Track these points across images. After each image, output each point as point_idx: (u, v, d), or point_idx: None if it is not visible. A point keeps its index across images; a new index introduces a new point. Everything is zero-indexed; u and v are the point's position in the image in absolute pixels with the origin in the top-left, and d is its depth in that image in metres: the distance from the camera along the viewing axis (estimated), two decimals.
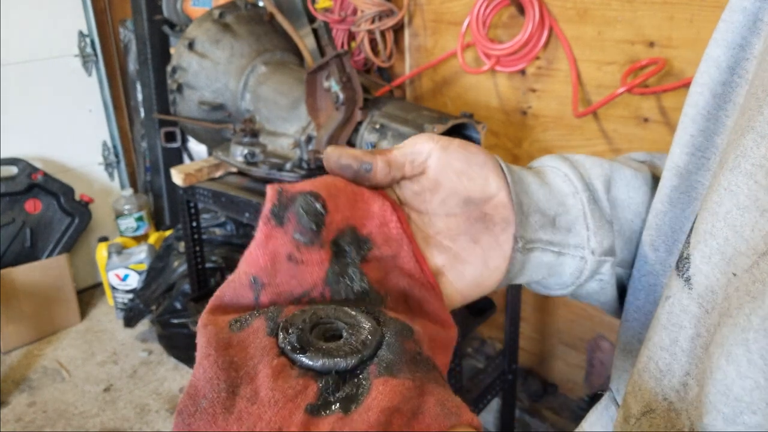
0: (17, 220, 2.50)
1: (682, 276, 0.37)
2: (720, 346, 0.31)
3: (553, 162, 0.47)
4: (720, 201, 0.34)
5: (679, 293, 0.37)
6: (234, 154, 1.56)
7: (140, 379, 2.25)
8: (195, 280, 1.88)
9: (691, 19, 1.27)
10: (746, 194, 0.33)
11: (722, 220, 0.34)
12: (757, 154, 0.33)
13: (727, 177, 0.34)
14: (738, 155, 0.34)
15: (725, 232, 0.34)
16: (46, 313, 2.51)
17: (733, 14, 0.38)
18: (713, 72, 0.39)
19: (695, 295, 0.36)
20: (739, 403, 0.29)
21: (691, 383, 0.34)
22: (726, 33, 0.38)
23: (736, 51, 0.38)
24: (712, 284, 0.34)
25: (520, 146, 1.68)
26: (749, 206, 0.32)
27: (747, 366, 0.29)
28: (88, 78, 2.69)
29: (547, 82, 1.56)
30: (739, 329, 0.29)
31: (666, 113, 1.38)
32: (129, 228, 2.71)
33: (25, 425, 2.05)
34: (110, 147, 2.83)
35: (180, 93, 1.76)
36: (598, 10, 1.40)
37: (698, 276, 0.36)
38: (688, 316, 0.36)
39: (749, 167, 0.33)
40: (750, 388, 0.29)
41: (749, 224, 0.32)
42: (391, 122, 1.41)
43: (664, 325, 0.38)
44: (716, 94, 0.39)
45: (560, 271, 0.45)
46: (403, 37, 1.82)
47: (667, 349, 0.37)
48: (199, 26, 1.74)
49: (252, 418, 0.27)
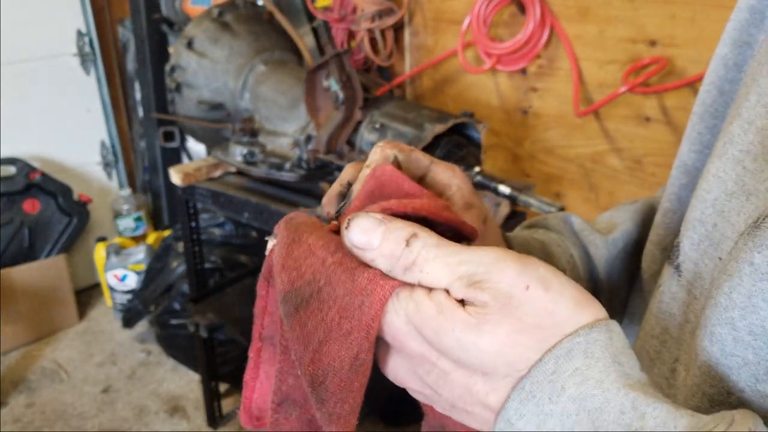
0: (15, 220, 2.49)
1: (672, 264, 0.37)
2: (704, 328, 0.31)
3: (559, 231, 0.49)
4: (709, 188, 0.34)
5: (669, 281, 0.37)
6: (233, 153, 1.55)
7: (139, 380, 2.24)
8: (194, 280, 1.87)
9: (693, 17, 1.26)
10: (734, 180, 0.33)
11: (711, 207, 0.34)
12: (744, 140, 0.33)
13: (715, 164, 0.34)
14: (726, 142, 0.34)
15: (713, 218, 0.34)
16: (45, 314, 2.50)
17: (740, 13, 0.38)
18: (721, 70, 0.39)
19: (684, 281, 0.36)
20: (725, 383, 0.29)
21: (679, 369, 0.34)
22: (733, 32, 0.38)
23: (743, 49, 0.38)
24: (701, 270, 0.34)
25: (521, 145, 1.67)
26: (736, 191, 0.32)
27: (733, 344, 0.29)
28: (86, 77, 2.68)
29: (548, 81, 1.55)
30: (721, 308, 0.29)
31: (668, 112, 1.37)
32: (127, 228, 2.70)
33: (24, 426, 2.04)
34: (109, 146, 2.82)
35: (179, 92, 1.75)
36: (600, 9, 1.40)
37: (687, 263, 0.36)
38: (677, 303, 0.36)
39: (737, 153, 0.33)
40: (737, 367, 0.29)
41: (735, 209, 0.32)
42: (391, 122, 1.41)
43: (654, 314, 0.38)
44: (724, 92, 0.39)
45: None
46: (403, 36, 1.82)
47: (657, 337, 0.37)
48: (198, 25, 1.74)
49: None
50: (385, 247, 0.29)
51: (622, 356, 0.26)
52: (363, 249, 0.30)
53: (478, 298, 0.27)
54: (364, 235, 0.29)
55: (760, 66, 0.34)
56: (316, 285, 0.31)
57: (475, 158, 1.45)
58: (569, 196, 1.62)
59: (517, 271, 0.27)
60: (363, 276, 0.30)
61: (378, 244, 0.29)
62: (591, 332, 0.26)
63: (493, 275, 0.27)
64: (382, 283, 0.29)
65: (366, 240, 0.29)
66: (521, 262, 0.27)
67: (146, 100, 2.57)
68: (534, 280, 0.27)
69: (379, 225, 0.29)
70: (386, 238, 0.29)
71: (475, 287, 0.27)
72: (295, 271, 0.32)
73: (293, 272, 0.32)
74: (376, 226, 0.29)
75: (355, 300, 0.29)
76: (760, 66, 0.34)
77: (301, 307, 0.31)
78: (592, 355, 0.26)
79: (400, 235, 0.29)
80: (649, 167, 1.44)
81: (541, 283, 0.27)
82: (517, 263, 0.27)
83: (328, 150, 1.44)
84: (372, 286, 0.29)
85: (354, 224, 0.30)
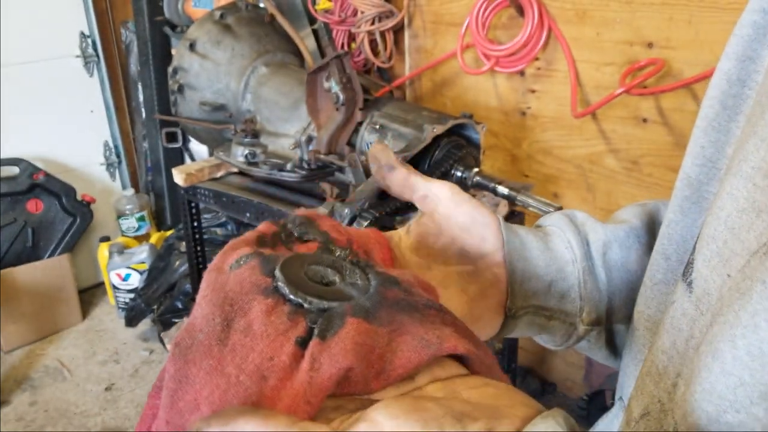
0: (19, 220, 2.51)
1: (685, 281, 0.37)
2: (709, 344, 0.31)
3: (560, 223, 0.50)
4: (722, 205, 0.35)
5: (681, 297, 0.38)
6: (235, 154, 1.56)
7: (141, 379, 2.26)
8: (196, 279, 1.89)
9: (690, 20, 1.27)
10: (745, 197, 0.33)
11: (723, 224, 0.34)
12: (756, 157, 0.33)
13: (729, 181, 0.35)
14: (740, 160, 0.34)
15: (725, 234, 0.34)
16: (48, 313, 2.51)
17: (743, 29, 0.39)
18: (723, 85, 0.40)
19: (694, 298, 0.36)
20: (723, 401, 0.29)
21: (680, 384, 0.35)
22: (737, 47, 0.39)
23: (747, 64, 0.38)
24: (709, 286, 0.35)
25: (520, 146, 1.68)
26: (747, 208, 0.33)
27: (732, 363, 0.29)
28: (89, 79, 2.70)
29: (546, 83, 1.56)
30: (728, 326, 0.30)
31: (664, 114, 1.38)
32: (130, 228, 2.71)
33: (27, 424, 2.06)
34: (112, 147, 2.84)
35: (181, 94, 1.76)
36: (597, 11, 1.41)
37: (698, 279, 0.36)
38: (686, 318, 0.37)
39: (749, 170, 0.33)
40: (734, 386, 0.29)
41: (746, 226, 0.32)
42: (391, 123, 1.42)
43: (666, 329, 0.38)
44: (727, 107, 0.40)
45: (551, 332, 0.49)
46: (402, 38, 1.83)
47: (666, 352, 0.38)
48: (200, 27, 1.75)
49: (245, 349, 0.28)
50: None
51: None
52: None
53: None
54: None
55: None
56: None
57: (474, 159, 1.46)
58: (567, 197, 1.64)
59: None
60: None
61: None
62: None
63: None
64: None
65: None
66: None
67: (149, 102, 2.59)
68: None
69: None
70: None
71: None
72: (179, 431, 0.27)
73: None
74: None
75: None
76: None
77: None
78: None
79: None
80: (646, 168, 1.45)
81: None
82: None
83: (329, 150, 1.45)
84: None
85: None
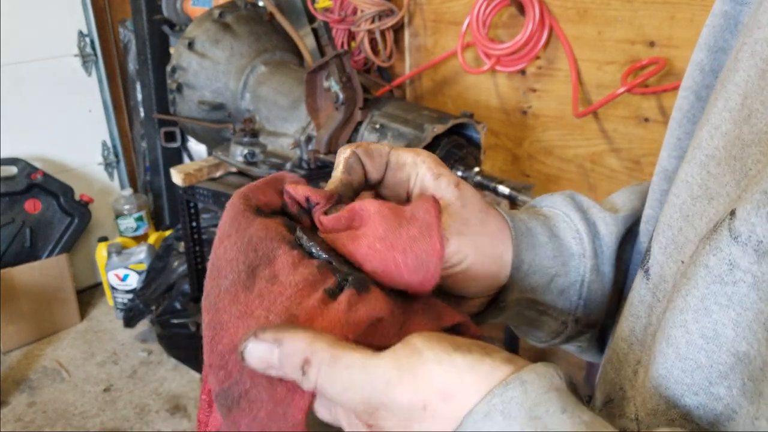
0: (17, 220, 2.50)
1: (643, 267, 0.38)
2: (662, 330, 0.31)
3: (566, 208, 0.46)
4: (678, 192, 0.35)
5: (639, 284, 0.38)
6: (234, 154, 1.56)
7: (140, 380, 2.25)
8: (195, 280, 1.88)
9: (692, 18, 1.27)
10: (699, 184, 0.33)
11: (678, 211, 0.35)
12: (710, 144, 0.33)
13: (684, 169, 0.35)
14: (695, 147, 0.34)
15: (679, 222, 0.34)
16: (46, 313, 2.50)
17: (714, 18, 0.38)
18: (697, 76, 0.39)
19: (651, 285, 0.36)
20: (680, 385, 0.30)
21: (640, 371, 0.35)
22: (708, 37, 0.38)
23: (719, 54, 0.38)
24: (665, 273, 0.35)
25: (521, 146, 1.68)
26: (701, 195, 0.33)
27: (686, 347, 0.29)
28: (87, 78, 2.69)
29: (547, 82, 1.56)
30: (678, 311, 0.30)
31: (666, 113, 1.38)
32: (129, 228, 2.70)
33: (25, 425, 2.05)
34: (110, 147, 2.83)
35: (180, 93, 1.75)
36: (599, 10, 1.40)
37: (655, 266, 0.36)
38: (644, 306, 0.37)
39: (703, 158, 0.33)
40: (690, 369, 0.29)
41: (699, 213, 0.33)
42: (391, 122, 1.41)
43: (625, 317, 0.38)
44: (701, 97, 0.39)
45: (538, 326, 0.46)
46: (403, 37, 1.82)
47: (625, 339, 0.38)
48: (199, 26, 1.74)
49: (272, 295, 0.31)
50: (287, 369, 0.29)
51: (539, 408, 0.27)
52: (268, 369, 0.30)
53: (381, 425, 0.29)
54: (263, 362, 0.29)
55: (728, 72, 0.34)
56: (243, 386, 0.30)
57: (475, 158, 1.46)
58: None
59: (410, 392, 0.28)
60: (281, 385, 0.30)
61: (279, 365, 0.29)
62: (506, 390, 0.27)
63: (389, 403, 0.29)
64: (300, 393, 0.30)
65: (266, 365, 0.29)
66: (413, 379, 0.28)
67: (147, 101, 2.58)
68: (430, 394, 0.28)
69: (272, 351, 0.29)
70: (283, 364, 0.29)
71: (374, 417, 0.29)
72: (221, 370, 0.31)
73: (220, 372, 0.31)
74: (269, 353, 0.29)
75: (278, 408, 0.30)
76: (729, 72, 0.34)
77: (233, 407, 0.30)
78: (509, 414, 0.27)
79: (295, 361, 0.29)
80: (648, 167, 1.45)
81: (439, 395, 0.28)
82: (409, 385, 0.28)
83: (329, 150, 1.45)
84: (291, 396, 0.30)
85: (248, 354, 0.30)
